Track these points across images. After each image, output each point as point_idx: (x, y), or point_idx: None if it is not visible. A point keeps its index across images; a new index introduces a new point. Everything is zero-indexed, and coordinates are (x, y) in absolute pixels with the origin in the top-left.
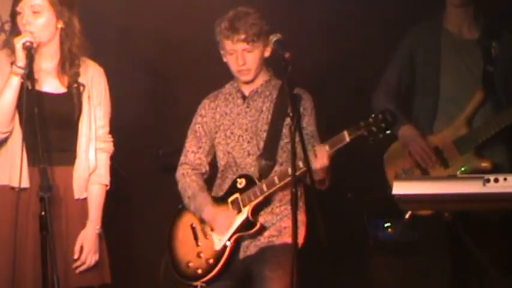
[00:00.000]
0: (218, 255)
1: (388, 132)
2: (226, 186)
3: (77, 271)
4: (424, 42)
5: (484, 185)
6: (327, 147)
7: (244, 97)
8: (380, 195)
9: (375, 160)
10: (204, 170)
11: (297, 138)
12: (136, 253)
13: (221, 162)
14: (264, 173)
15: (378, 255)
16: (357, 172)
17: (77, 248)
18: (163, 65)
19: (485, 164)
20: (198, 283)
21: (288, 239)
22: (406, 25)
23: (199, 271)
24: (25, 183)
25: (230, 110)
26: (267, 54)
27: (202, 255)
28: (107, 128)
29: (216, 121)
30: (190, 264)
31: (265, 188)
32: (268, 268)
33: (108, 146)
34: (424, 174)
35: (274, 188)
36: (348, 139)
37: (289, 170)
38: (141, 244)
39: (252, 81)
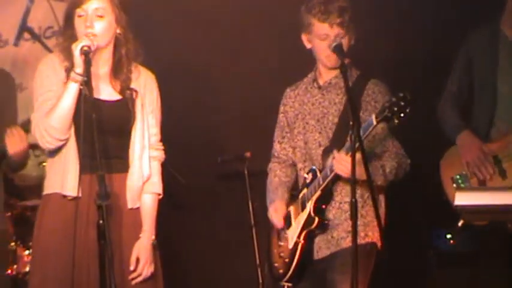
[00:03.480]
0: (292, 253)
1: (407, 111)
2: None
3: (133, 282)
4: (482, 49)
5: None
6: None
7: (320, 87)
8: (438, 204)
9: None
10: (291, 161)
11: None
12: (192, 260)
13: (302, 152)
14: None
15: (438, 266)
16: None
17: (133, 259)
18: (220, 72)
19: None
20: (284, 283)
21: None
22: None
23: (281, 271)
24: (79, 193)
25: (307, 100)
26: (352, 42)
27: (282, 255)
28: (159, 136)
29: (295, 110)
30: (276, 265)
31: (321, 181)
32: (338, 277)
33: (160, 154)
34: (481, 184)
35: (328, 180)
36: (375, 122)
37: None
38: (198, 251)
39: (337, 67)
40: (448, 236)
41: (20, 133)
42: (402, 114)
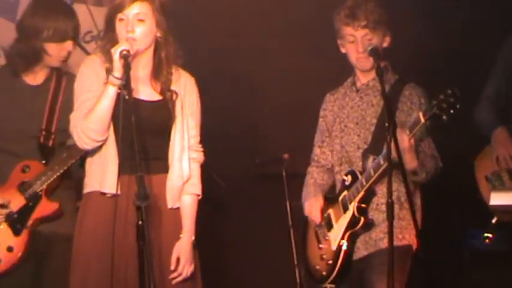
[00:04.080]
0: (335, 255)
1: (457, 106)
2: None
3: (174, 282)
4: None
5: None
6: (407, 131)
7: (357, 90)
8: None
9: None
10: (330, 165)
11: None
12: (230, 260)
13: (338, 155)
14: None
15: (474, 266)
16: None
17: (173, 259)
18: (258, 74)
19: None
20: (327, 285)
21: (394, 241)
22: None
23: (324, 273)
24: (117, 190)
25: (346, 103)
26: (385, 44)
27: (324, 257)
28: (198, 138)
29: (334, 114)
30: (317, 267)
31: (364, 182)
32: (375, 276)
33: (199, 155)
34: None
35: (371, 181)
36: (423, 120)
37: (382, 161)
38: (235, 251)
39: (370, 70)
40: (485, 235)
41: None
42: (452, 111)
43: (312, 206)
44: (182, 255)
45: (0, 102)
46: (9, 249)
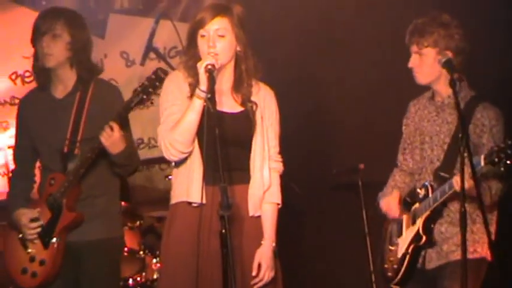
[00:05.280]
0: (400, 262)
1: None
2: (415, 192)
3: (255, 287)
4: None
5: None
6: (469, 170)
7: (435, 105)
8: None
9: None
10: (412, 171)
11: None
12: (308, 268)
13: (418, 165)
14: (440, 186)
15: None
16: None
17: (255, 265)
18: (335, 85)
19: None
20: (393, 286)
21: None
22: None
23: (390, 274)
24: (203, 200)
25: (425, 116)
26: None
27: (391, 259)
28: (278, 148)
29: (416, 124)
30: (385, 266)
31: (431, 202)
32: (446, 282)
33: (279, 165)
34: None
35: (437, 204)
36: (482, 163)
37: (447, 188)
38: (313, 258)
39: (425, 84)
40: None
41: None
42: (508, 162)
43: (390, 203)
44: (263, 261)
45: (36, 122)
46: (41, 262)
